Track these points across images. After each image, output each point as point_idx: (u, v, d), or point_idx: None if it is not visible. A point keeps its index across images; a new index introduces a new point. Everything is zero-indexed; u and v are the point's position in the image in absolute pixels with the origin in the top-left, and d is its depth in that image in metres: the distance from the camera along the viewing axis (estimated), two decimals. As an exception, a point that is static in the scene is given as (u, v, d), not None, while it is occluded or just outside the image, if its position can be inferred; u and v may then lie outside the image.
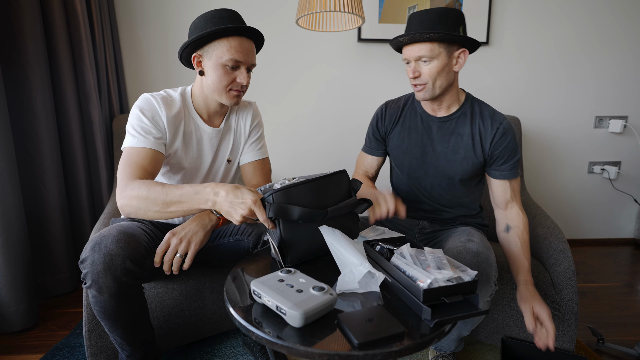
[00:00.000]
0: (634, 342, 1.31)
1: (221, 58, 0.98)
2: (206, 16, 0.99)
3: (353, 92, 2.09)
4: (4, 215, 1.30)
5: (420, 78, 1.02)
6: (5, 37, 1.38)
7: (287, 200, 0.81)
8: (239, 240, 1.10)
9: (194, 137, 1.08)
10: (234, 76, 1.01)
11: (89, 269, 0.82)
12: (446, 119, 1.10)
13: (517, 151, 1.08)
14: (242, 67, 1.01)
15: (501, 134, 1.05)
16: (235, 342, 1.30)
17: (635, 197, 2.24)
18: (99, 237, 0.85)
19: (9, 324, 1.35)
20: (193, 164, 1.09)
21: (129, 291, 0.87)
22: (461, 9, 1.99)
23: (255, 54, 1.05)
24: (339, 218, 0.89)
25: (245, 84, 1.02)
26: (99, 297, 0.84)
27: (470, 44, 1.01)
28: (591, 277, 1.86)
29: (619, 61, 2.12)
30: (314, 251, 0.89)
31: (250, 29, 0.99)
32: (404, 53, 1.04)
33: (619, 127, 2.13)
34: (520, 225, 1.08)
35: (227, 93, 1.02)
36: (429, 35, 0.96)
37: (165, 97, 1.03)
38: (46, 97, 1.48)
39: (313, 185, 0.85)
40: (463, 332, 1.08)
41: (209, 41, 0.98)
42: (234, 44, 0.98)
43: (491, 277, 0.94)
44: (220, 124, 1.13)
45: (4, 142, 1.31)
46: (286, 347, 0.61)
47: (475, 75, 2.10)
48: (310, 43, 2.02)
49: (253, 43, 1.03)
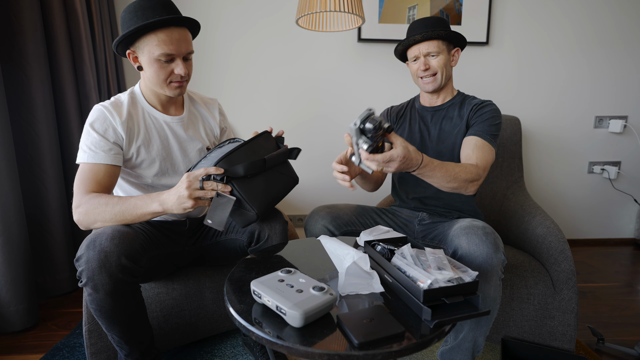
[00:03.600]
0: (634, 342, 1.31)
1: (153, 53, 0.95)
2: (130, 9, 0.95)
3: (353, 92, 2.09)
4: (4, 215, 1.30)
5: (431, 69, 1.20)
6: (5, 37, 1.38)
7: (230, 164, 0.92)
8: (234, 239, 1.11)
9: (154, 129, 1.07)
10: (170, 69, 0.99)
11: (84, 267, 0.82)
12: (439, 107, 1.27)
13: (492, 121, 1.15)
14: (176, 58, 0.98)
15: (480, 106, 1.19)
16: (235, 342, 1.30)
17: (635, 197, 2.24)
18: (94, 236, 0.85)
19: (9, 324, 1.35)
20: (163, 155, 1.07)
21: (125, 289, 0.87)
22: (461, 9, 1.99)
23: (191, 39, 1.03)
24: (278, 167, 1.03)
25: (183, 74, 1.00)
26: (94, 295, 0.84)
27: (462, 43, 1.24)
28: (591, 277, 1.86)
29: (618, 61, 2.12)
30: (275, 196, 1.02)
31: (175, 18, 0.95)
32: (413, 51, 1.22)
33: (619, 127, 2.13)
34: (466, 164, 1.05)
35: (167, 85, 1.01)
36: (439, 33, 1.16)
37: (115, 102, 1.03)
38: (46, 97, 1.48)
39: (247, 147, 0.98)
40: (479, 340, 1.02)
41: (137, 37, 0.96)
42: (162, 38, 0.94)
43: (499, 247, 0.94)
44: (182, 112, 1.13)
45: (4, 142, 1.30)
46: (286, 347, 0.61)
47: (475, 75, 2.10)
48: (310, 43, 2.02)
49: (186, 29, 1.00)
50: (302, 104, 2.09)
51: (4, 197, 1.30)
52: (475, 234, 0.94)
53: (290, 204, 2.21)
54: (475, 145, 1.11)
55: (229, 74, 2.04)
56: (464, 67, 2.08)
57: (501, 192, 1.69)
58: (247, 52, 2.03)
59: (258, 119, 2.10)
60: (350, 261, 0.76)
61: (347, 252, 0.78)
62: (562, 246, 1.20)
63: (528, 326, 1.21)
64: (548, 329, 1.20)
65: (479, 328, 0.99)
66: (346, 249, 0.80)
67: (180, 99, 1.13)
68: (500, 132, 1.19)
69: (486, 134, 1.13)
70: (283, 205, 2.19)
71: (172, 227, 1.12)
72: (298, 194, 2.19)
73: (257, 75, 2.04)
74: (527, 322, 1.21)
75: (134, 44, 0.97)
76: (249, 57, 2.03)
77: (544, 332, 1.20)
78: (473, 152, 1.10)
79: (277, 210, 1.10)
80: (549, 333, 1.20)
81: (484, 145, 1.11)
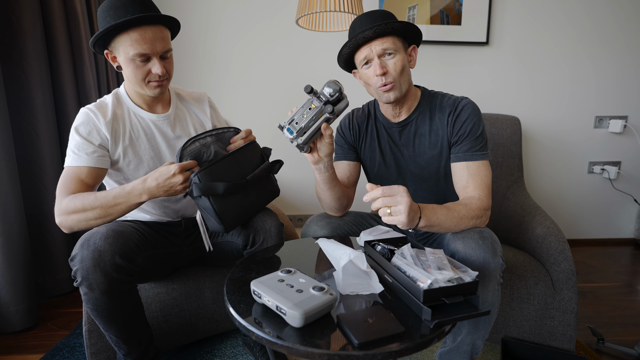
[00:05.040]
0: (634, 342, 1.31)
1: (127, 54, 0.92)
2: (103, 7, 0.92)
3: (353, 92, 2.09)
4: (4, 215, 1.30)
5: (389, 75, 0.98)
6: (5, 37, 1.38)
7: (212, 177, 0.92)
8: (230, 241, 1.11)
9: (140, 129, 1.05)
10: (147, 68, 0.95)
11: (78, 266, 0.83)
12: (405, 122, 1.08)
13: (475, 131, 0.99)
14: (153, 57, 0.94)
15: (456, 115, 1.01)
16: (235, 342, 1.30)
17: (635, 197, 2.24)
18: (88, 235, 0.86)
19: (9, 324, 1.35)
20: (150, 154, 1.06)
21: (121, 288, 0.87)
22: (461, 9, 1.99)
23: (168, 37, 0.98)
24: (259, 182, 1.04)
25: (161, 74, 0.96)
26: (90, 295, 0.84)
27: (418, 40, 1.04)
28: (591, 277, 1.86)
29: (619, 61, 2.12)
30: (250, 211, 1.04)
31: (147, 16, 0.90)
32: (363, 52, 0.99)
33: (619, 127, 2.13)
34: (467, 200, 0.93)
35: (147, 85, 0.98)
36: (393, 26, 0.95)
37: (99, 103, 1.02)
38: (46, 97, 1.48)
39: (231, 158, 0.98)
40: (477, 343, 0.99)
41: (111, 37, 0.93)
42: (135, 37, 0.90)
43: (497, 251, 0.87)
44: (168, 109, 1.10)
45: (4, 142, 1.30)
46: (286, 347, 0.61)
47: (475, 75, 2.10)
48: (310, 43, 2.02)
49: (162, 27, 0.95)
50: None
51: (4, 197, 1.30)
52: (472, 238, 0.88)
53: (290, 204, 2.21)
54: (469, 175, 0.98)
55: (229, 74, 2.04)
56: (464, 67, 2.08)
57: (501, 192, 1.69)
58: (248, 53, 2.03)
59: (258, 119, 2.10)
60: (347, 260, 0.76)
61: (343, 251, 0.78)
62: (562, 246, 1.20)
63: (528, 326, 1.21)
64: (548, 329, 1.20)
65: (477, 331, 0.97)
66: (343, 249, 0.80)
67: (166, 96, 1.11)
68: (486, 133, 1.03)
69: (475, 152, 0.99)
70: (283, 206, 2.19)
71: (168, 228, 1.12)
72: (298, 194, 2.19)
73: (257, 76, 2.04)
74: (527, 322, 1.21)
75: (110, 44, 0.94)
76: (250, 58, 2.03)
77: (543, 332, 1.20)
78: (468, 182, 0.97)
79: (272, 212, 1.10)
80: (549, 333, 1.20)
81: (478, 168, 0.98)
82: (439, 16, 2.00)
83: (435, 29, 2.00)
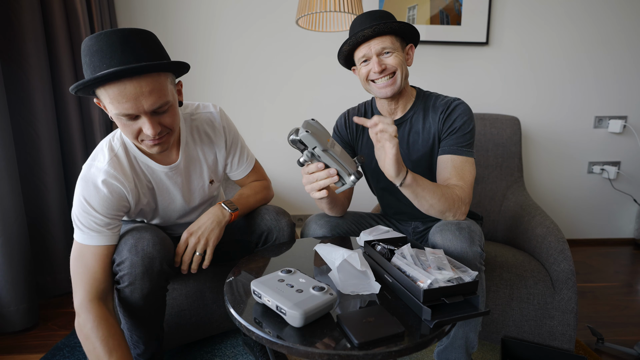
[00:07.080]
0: (634, 342, 1.31)
1: (110, 111, 0.76)
2: (83, 50, 0.73)
3: (353, 92, 2.09)
4: (4, 215, 1.30)
5: (388, 69, 1.01)
6: (5, 37, 1.38)
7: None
8: (240, 239, 1.11)
9: (153, 180, 0.94)
10: (137, 127, 0.78)
11: (127, 271, 0.83)
12: (400, 120, 1.11)
13: (464, 128, 1.02)
14: (142, 116, 0.76)
15: (447, 112, 1.04)
16: (235, 342, 1.30)
17: (635, 197, 2.24)
18: (133, 240, 0.86)
19: (9, 324, 1.36)
20: (164, 202, 1.00)
21: (159, 292, 0.90)
22: (461, 9, 1.99)
23: (163, 87, 0.76)
24: None
25: (151, 135, 0.77)
26: (130, 298, 0.86)
27: (416, 39, 1.07)
28: (591, 277, 1.86)
29: (618, 61, 2.12)
30: None
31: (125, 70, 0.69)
32: (362, 50, 1.02)
33: (619, 127, 2.13)
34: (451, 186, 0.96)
35: (141, 144, 0.82)
36: (392, 26, 0.99)
37: (114, 160, 0.86)
38: (46, 97, 1.48)
39: None
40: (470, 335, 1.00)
41: (91, 88, 0.74)
42: (113, 94, 0.72)
43: (475, 240, 0.89)
44: (177, 157, 0.96)
45: (4, 142, 1.30)
46: (286, 347, 0.61)
47: (474, 75, 2.10)
48: (310, 43, 2.02)
49: (152, 77, 0.74)
50: (302, 104, 2.09)
51: (4, 197, 1.30)
52: (449, 229, 0.91)
53: (290, 204, 2.21)
54: (452, 167, 1.00)
55: (228, 73, 2.04)
56: (464, 67, 2.08)
57: (501, 192, 1.69)
58: (247, 52, 2.02)
59: (258, 119, 2.10)
60: (341, 259, 0.76)
61: (338, 252, 0.80)
62: (561, 246, 1.21)
63: (527, 326, 1.21)
64: (547, 328, 1.20)
65: (467, 324, 0.99)
66: (338, 250, 0.81)
67: (175, 142, 0.95)
68: (474, 134, 1.05)
69: (461, 147, 1.01)
70: (283, 206, 2.19)
71: None
72: (298, 194, 2.20)
73: (257, 75, 2.04)
74: (527, 322, 1.21)
75: (94, 92, 0.76)
76: (249, 57, 2.03)
77: (543, 332, 1.20)
78: (452, 174, 0.99)
79: (284, 211, 1.11)
80: (549, 333, 1.20)
81: (463, 163, 1.00)
82: (439, 16, 2.00)
83: (435, 29, 2.00)
